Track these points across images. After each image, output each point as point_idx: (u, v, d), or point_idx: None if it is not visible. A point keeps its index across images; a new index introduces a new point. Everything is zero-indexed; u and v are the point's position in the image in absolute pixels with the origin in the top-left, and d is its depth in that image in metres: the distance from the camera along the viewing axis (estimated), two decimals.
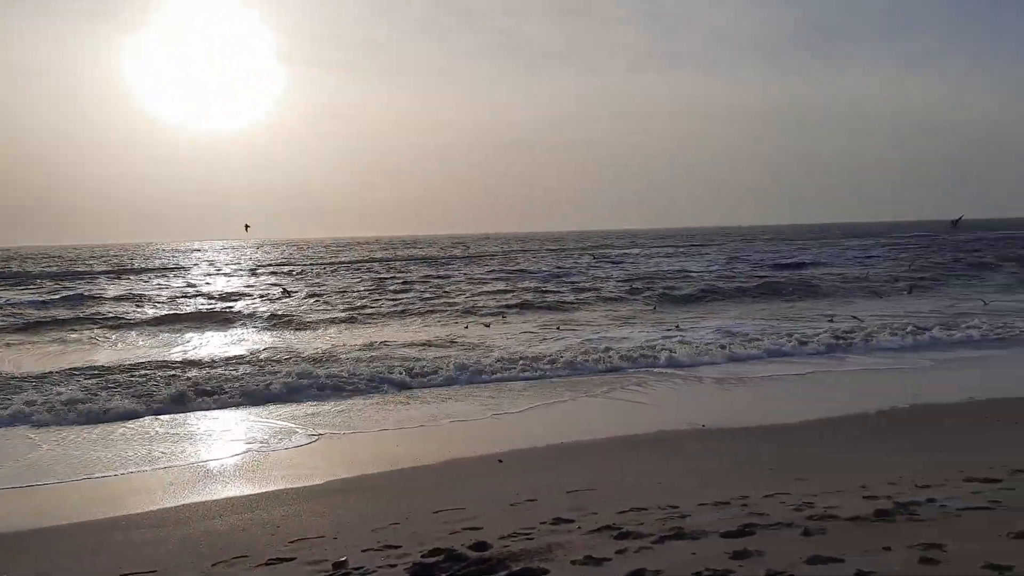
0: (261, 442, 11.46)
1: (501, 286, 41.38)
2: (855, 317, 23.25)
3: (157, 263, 79.45)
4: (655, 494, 7.29)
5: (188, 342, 24.03)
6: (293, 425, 12.46)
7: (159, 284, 49.62)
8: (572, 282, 42.67)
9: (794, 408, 12.93)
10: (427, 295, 37.05)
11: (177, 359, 19.49)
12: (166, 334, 26.05)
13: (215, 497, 8.74)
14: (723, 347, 18.83)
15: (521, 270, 54.03)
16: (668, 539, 5.47)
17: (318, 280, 50.11)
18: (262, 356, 19.39)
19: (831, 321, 23.09)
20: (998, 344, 19.14)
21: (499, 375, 16.13)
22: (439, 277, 48.92)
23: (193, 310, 32.65)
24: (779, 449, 9.78)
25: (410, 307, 31.90)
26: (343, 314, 29.89)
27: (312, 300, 35.98)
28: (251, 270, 65.02)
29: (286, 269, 64.65)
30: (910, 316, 24.20)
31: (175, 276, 58.05)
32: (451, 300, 34.58)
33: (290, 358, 18.83)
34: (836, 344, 19.13)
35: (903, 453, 9.06)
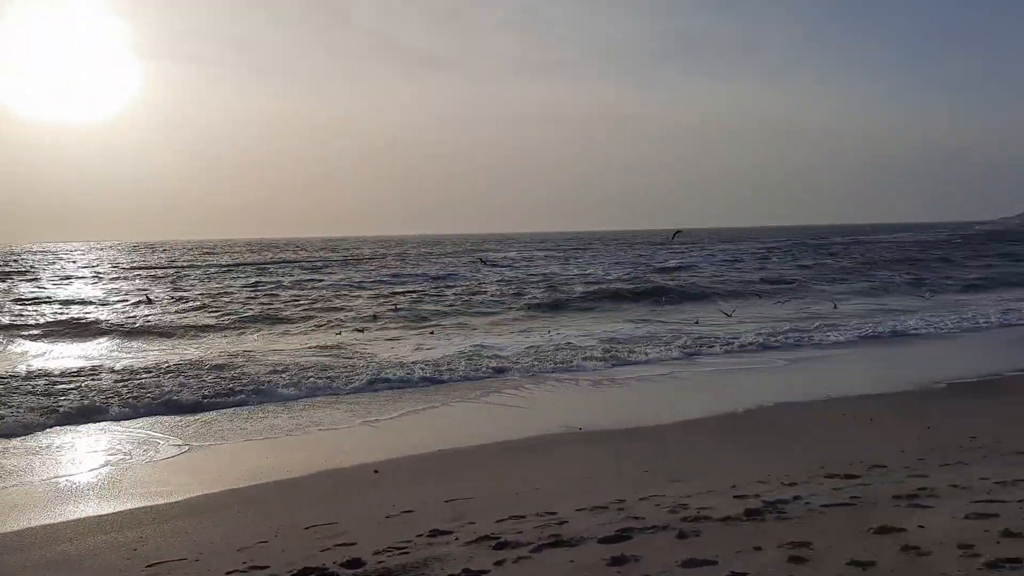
0: (122, 455, 10.75)
1: (378, 290, 40.78)
2: (729, 316, 24.15)
3: (3, 266, 73.87)
4: (533, 500, 7.25)
5: (38, 353, 22.41)
6: (156, 435, 11.77)
7: (4, 288, 46.07)
8: (451, 286, 42.55)
9: (667, 408, 13.29)
10: (300, 300, 35.90)
11: (23, 370, 18.04)
12: (13, 344, 24.22)
13: (65, 519, 8.07)
14: (600, 349, 19.15)
15: (399, 274, 53.43)
16: (546, 547, 5.43)
17: (182, 284, 47.93)
18: (121, 365, 18.24)
19: (697, 323, 24.00)
20: (847, 344, 20.39)
21: (373, 381, 15.71)
22: (313, 281, 47.65)
23: (45, 318, 30.46)
24: (653, 450, 9.97)
25: (281, 312, 30.90)
26: (210, 320, 28.61)
27: (177, 305, 34.31)
28: (110, 273, 61.49)
29: (147, 272, 61.51)
30: (769, 318, 25.36)
31: (24, 279, 54.02)
32: (325, 305, 33.69)
33: (152, 366, 17.81)
34: (703, 345, 19.78)
35: (770, 451, 9.42)
